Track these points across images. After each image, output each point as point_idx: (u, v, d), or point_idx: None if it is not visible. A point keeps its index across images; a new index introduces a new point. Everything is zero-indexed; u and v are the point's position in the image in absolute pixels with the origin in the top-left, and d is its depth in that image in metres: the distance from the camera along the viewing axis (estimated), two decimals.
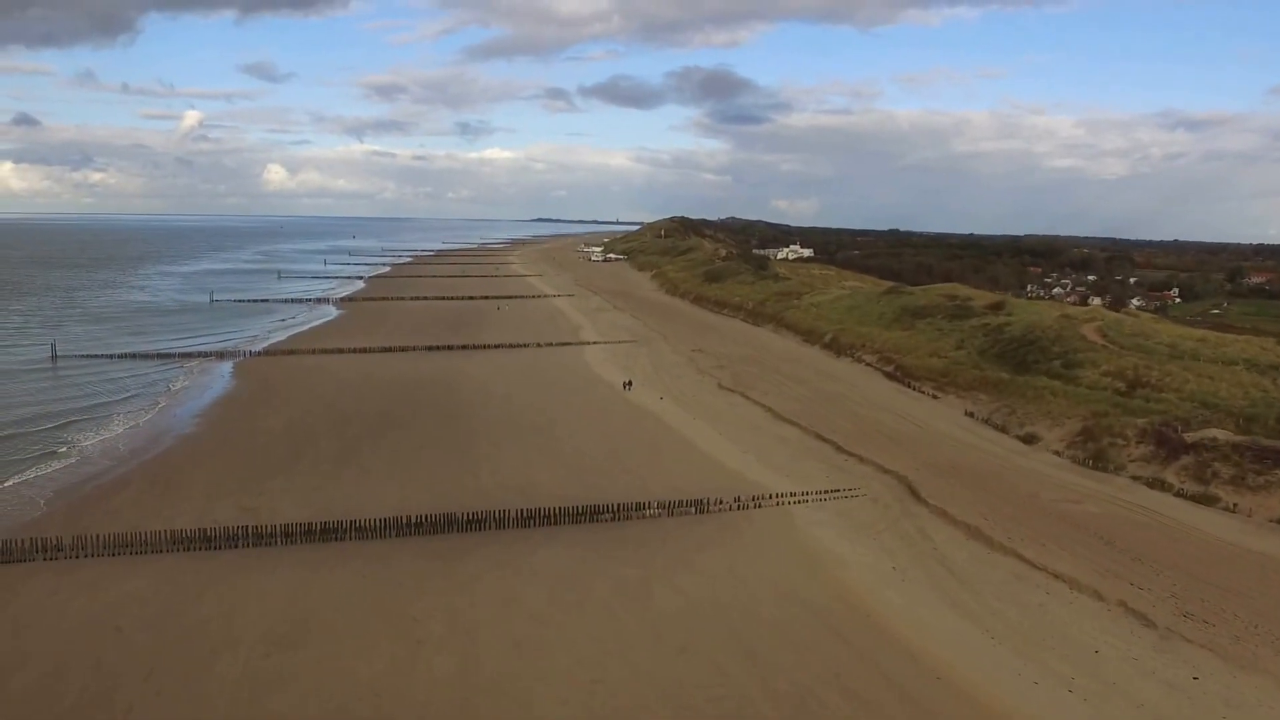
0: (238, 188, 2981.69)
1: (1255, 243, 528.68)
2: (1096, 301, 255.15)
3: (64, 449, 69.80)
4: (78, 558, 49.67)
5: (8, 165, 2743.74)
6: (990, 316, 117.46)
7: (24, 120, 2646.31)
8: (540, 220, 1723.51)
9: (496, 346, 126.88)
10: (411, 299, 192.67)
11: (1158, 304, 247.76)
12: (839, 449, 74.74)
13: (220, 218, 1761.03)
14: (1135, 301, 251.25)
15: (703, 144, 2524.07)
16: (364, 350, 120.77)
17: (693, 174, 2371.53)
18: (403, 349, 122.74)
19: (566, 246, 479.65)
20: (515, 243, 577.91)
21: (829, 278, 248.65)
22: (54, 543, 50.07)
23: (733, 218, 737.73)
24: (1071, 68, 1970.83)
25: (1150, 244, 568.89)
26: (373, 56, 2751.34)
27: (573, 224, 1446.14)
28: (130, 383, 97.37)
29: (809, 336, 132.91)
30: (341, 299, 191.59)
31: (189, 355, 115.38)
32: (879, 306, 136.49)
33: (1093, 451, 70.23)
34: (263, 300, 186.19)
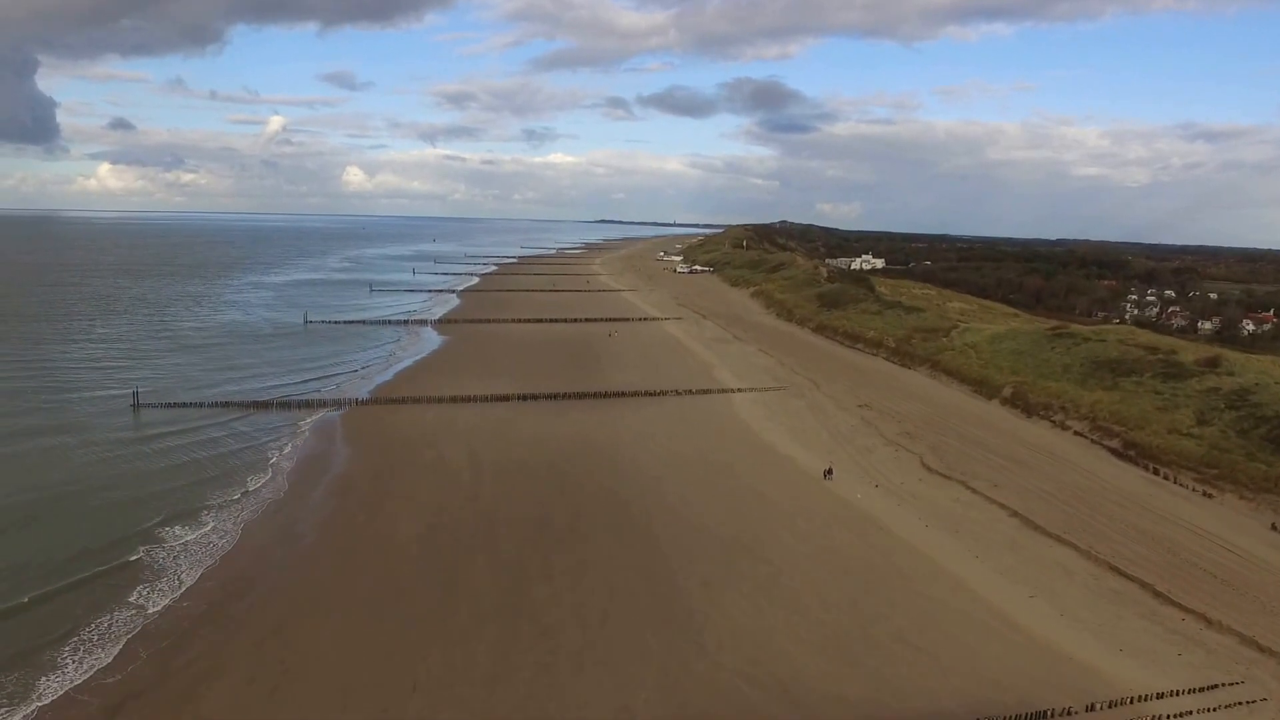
0: (319, 188, 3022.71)
1: None
2: (1207, 325, 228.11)
3: (133, 590, 48.94)
4: None
5: (105, 166, 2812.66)
6: (1212, 377, 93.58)
7: (120, 124, 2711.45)
8: (602, 222, 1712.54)
9: (634, 394, 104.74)
10: (513, 321, 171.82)
11: (1270, 327, 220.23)
12: (1159, 596, 52.43)
13: (303, 216, 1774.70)
14: (1248, 326, 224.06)
15: (752, 151, 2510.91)
16: (483, 398, 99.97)
17: (743, 179, 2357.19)
18: (523, 397, 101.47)
19: (643, 253, 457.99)
20: (591, 248, 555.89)
21: (930, 297, 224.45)
22: None
23: (784, 221, 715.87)
24: (1099, 82, 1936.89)
25: (1176, 249, 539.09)
26: (445, 67, 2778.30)
27: (632, 225, 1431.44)
28: (221, 455, 76.39)
29: (980, 388, 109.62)
30: (440, 320, 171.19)
31: (287, 404, 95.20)
32: (1056, 355, 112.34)
33: None
34: (359, 322, 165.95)
